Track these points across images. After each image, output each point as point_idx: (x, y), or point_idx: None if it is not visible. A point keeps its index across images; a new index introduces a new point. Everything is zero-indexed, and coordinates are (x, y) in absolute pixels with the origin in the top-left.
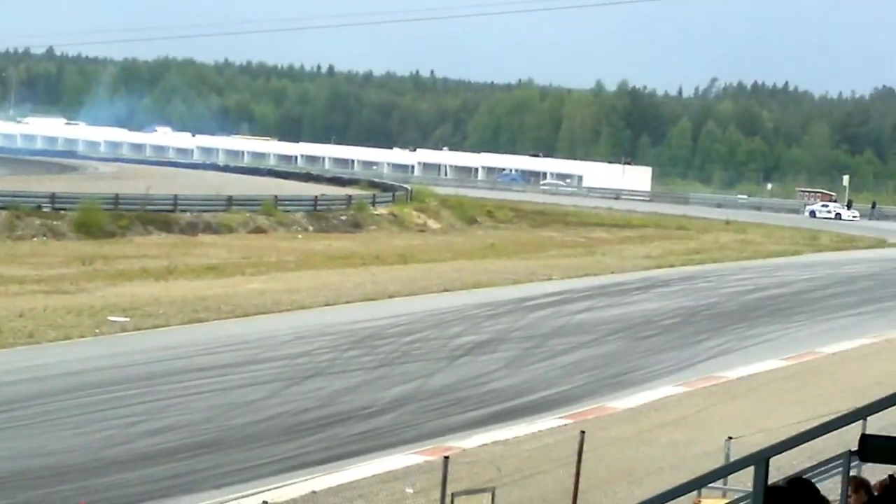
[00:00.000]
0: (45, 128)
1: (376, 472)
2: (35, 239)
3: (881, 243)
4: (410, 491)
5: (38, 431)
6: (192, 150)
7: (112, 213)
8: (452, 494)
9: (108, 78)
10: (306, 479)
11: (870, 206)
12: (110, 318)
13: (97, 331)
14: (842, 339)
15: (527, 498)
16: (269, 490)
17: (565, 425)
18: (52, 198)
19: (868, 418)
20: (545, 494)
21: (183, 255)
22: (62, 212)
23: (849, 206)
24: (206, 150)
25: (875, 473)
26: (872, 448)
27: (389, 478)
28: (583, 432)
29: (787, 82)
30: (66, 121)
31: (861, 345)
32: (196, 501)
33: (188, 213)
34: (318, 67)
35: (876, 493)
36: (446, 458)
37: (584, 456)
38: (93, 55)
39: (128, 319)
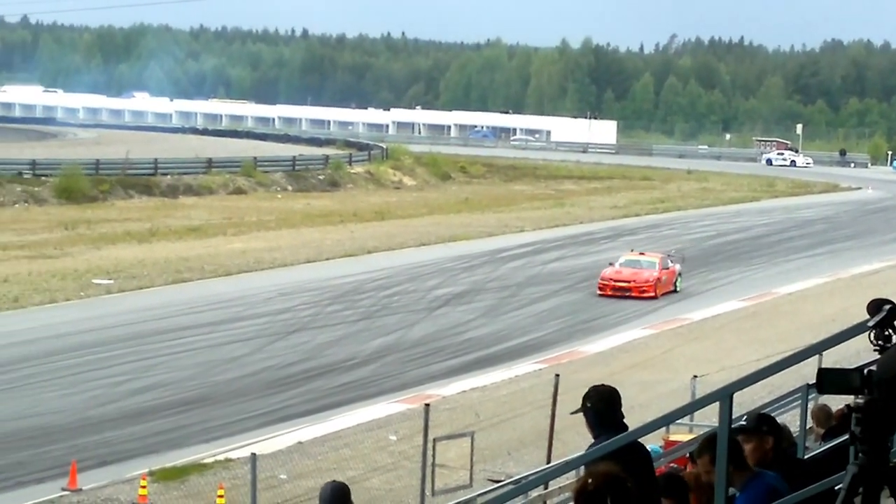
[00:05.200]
0: (23, 95)
1: (360, 421)
2: (17, 205)
3: (834, 188)
4: (394, 438)
5: (26, 393)
6: (171, 115)
7: (93, 178)
8: (434, 440)
9: (84, 45)
10: (292, 431)
11: (838, 153)
12: (95, 280)
13: (82, 293)
14: (797, 279)
15: (505, 440)
16: (256, 442)
17: (540, 370)
18: (33, 164)
19: (823, 353)
20: (522, 436)
21: (165, 217)
22: (43, 178)
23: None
24: (185, 115)
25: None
26: (829, 380)
27: (373, 426)
28: (557, 376)
29: (742, 37)
30: (43, 88)
31: (815, 284)
32: (185, 456)
33: (169, 177)
34: (293, 31)
35: (834, 423)
36: (427, 405)
37: (558, 398)
38: (68, 23)
39: (112, 281)
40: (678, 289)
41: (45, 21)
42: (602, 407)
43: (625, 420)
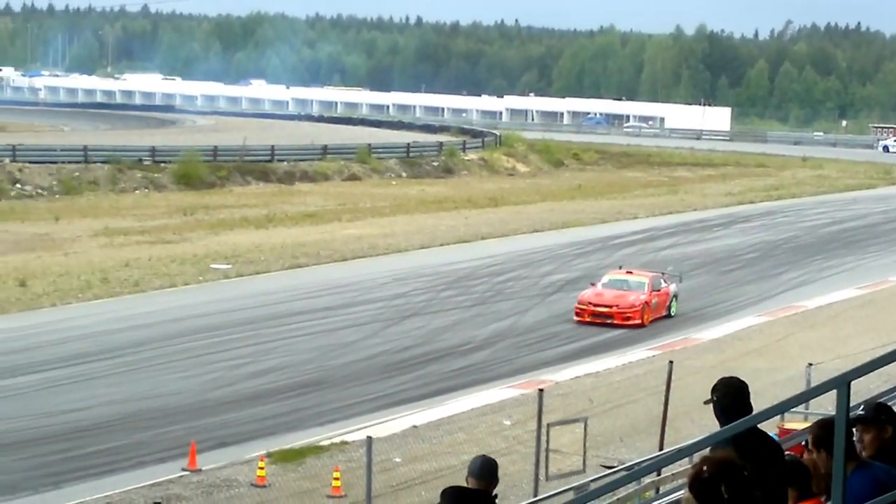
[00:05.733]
0: (143, 83)
1: (474, 405)
2: (137, 191)
3: None
4: (508, 423)
5: (147, 375)
6: (287, 102)
7: (211, 164)
8: (548, 425)
9: (202, 34)
10: (407, 415)
11: None
12: (213, 265)
13: (201, 278)
14: None
15: (618, 426)
16: (371, 426)
17: (653, 356)
18: (153, 151)
19: None
20: (635, 423)
21: (281, 203)
22: (163, 164)
23: None
24: (301, 102)
25: None
26: None
27: (487, 410)
28: (671, 362)
29: (859, 23)
30: (162, 76)
31: None
32: (301, 438)
33: (285, 163)
34: (407, 19)
35: None
36: (541, 390)
37: (672, 385)
38: (187, 12)
39: (230, 266)
40: (673, 313)
41: (165, 10)
42: (728, 401)
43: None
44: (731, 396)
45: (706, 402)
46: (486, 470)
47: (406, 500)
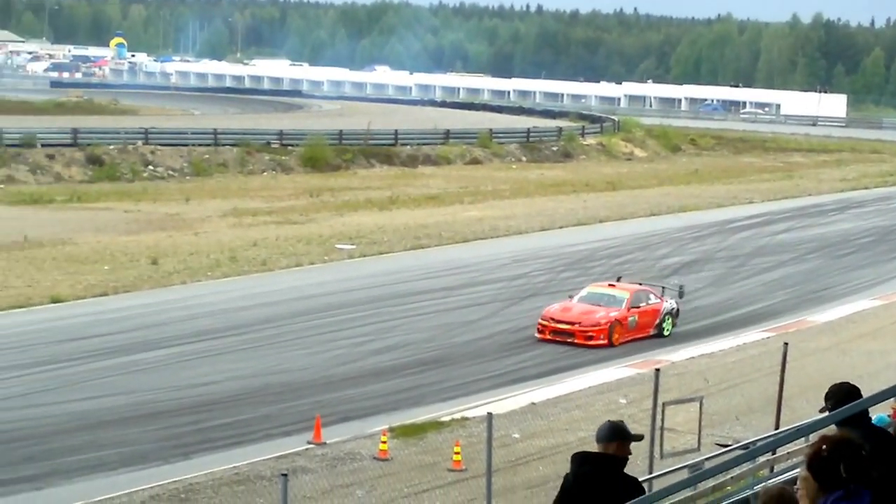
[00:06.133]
0: (271, 69)
1: (591, 384)
2: (265, 173)
3: None
4: (624, 401)
5: (273, 351)
6: (411, 88)
7: (337, 147)
8: (663, 404)
9: (328, 21)
10: (526, 392)
11: None
12: (338, 245)
13: (326, 258)
14: None
15: (733, 406)
16: (491, 402)
17: (768, 338)
18: (280, 135)
19: None
20: (750, 402)
21: (404, 185)
22: (290, 147)
23: None
24: (424, 88)
25: None
26: None
27: (604, 389)
28: (786, 344)
29: None
30: (290, 62)
31: None
32: (423, 414)
33: (408, 147)
34: (527, 7)
35: None
36: (657, 370)
37: (786, 366)
38: (313, 0)
39: (354, 247)
40: (666, 332)
41: None
42: (841, 407)
43: (870, 415)
44: (842, 404)
45: (821, 411)
46: (608, 433)
47: (524, 475)
